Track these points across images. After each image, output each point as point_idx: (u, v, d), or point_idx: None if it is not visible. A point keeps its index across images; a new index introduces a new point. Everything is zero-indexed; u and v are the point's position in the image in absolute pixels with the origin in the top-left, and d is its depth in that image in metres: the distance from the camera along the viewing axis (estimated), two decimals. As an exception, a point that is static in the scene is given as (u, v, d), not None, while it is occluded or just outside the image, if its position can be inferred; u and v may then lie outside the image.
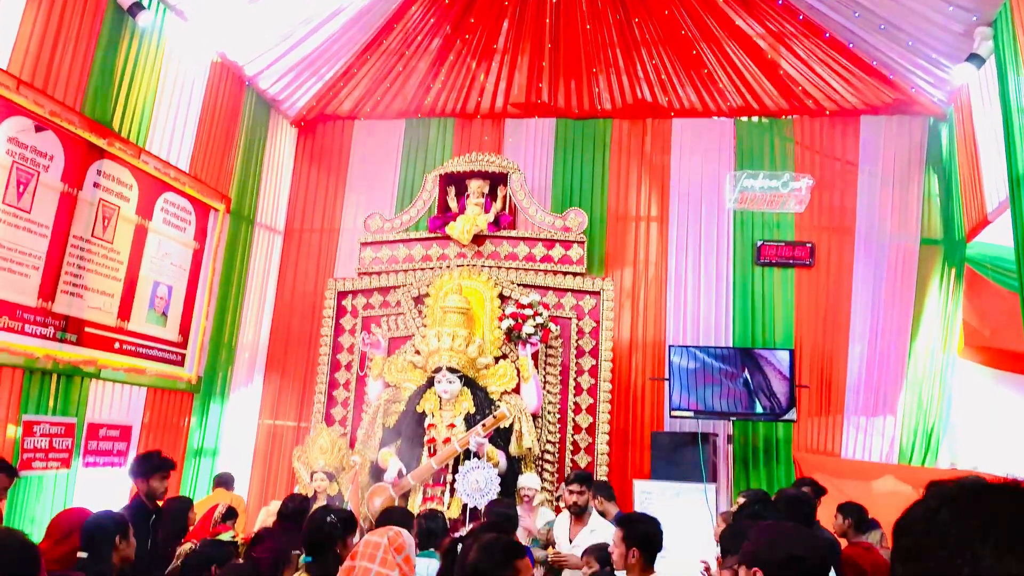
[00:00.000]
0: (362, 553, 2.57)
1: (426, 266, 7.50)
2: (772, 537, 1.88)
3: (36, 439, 5.48)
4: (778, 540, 1.86)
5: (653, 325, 7.80)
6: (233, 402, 8.03)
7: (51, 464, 5.58)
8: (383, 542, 2.58)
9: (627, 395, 7.63)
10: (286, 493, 7.18)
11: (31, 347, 5.51)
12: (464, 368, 6.54)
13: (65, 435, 5.72)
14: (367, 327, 7.50)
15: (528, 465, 6.57)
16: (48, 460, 5.57)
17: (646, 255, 7.99)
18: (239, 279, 8.13)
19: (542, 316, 6.73)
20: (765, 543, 1.87)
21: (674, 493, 6.45)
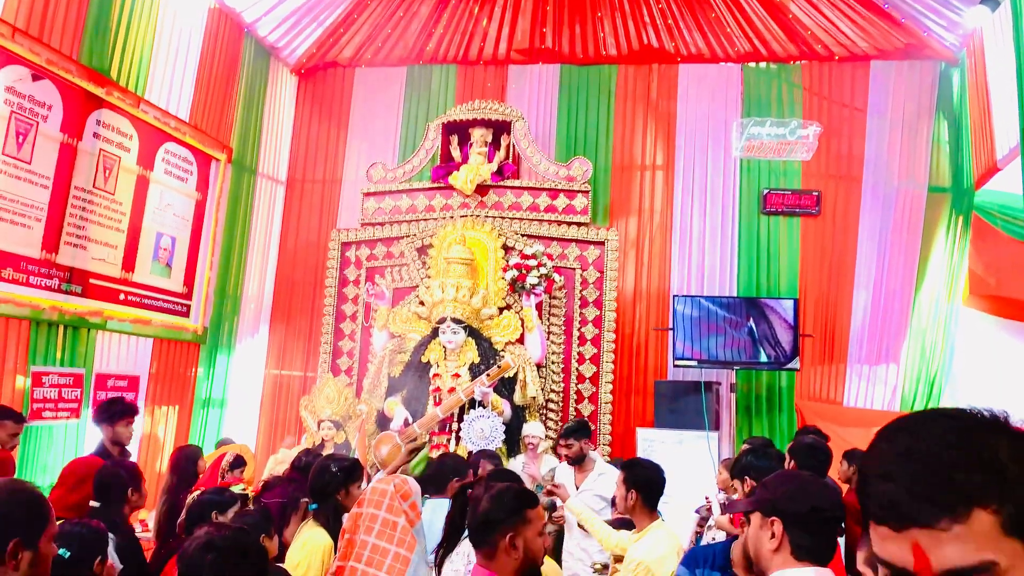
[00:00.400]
0: (369, 500, 2.62)
1: (429, 216, 7.47)
2: (793, 487, 1.88)
3: (45, 390, 5.54)
4: (799, 491, 1.87)
5: (657, 275, 7.79)
6: (239, 352, 8.09)
7: (60, 414, 5.66)
8: (389, 489, 2.62)
9: (631, 345, 7.67)
10: (295, 441, 7.31)
11: (37, 299, 5.54)
12: (468, 319, 6.57)
13: (74, 386, 5.78)
14: (371, 278, 7.51)
15: (532, 414, 6.64)
16: (58, 410, 5.64)
17: (651, 204, 7.95)
18: (242, 230, 8.11)
19: (546, 267, 6.73)
20: (786, 493, 1.87)
21: (677, 441, 6.53)
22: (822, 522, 1.85)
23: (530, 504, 2.22)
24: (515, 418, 6.41)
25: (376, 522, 2.50)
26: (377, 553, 2.46)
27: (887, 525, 0.83)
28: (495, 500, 2.20)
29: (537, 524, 2.22)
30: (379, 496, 2.57)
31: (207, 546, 1.84)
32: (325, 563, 2.96)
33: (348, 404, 6.91)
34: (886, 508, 0.83)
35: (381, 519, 2.51)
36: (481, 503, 2.19)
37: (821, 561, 1.83)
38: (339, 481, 3.22)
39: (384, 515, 2.51)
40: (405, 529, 2.50)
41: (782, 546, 1.84)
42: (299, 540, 3.13)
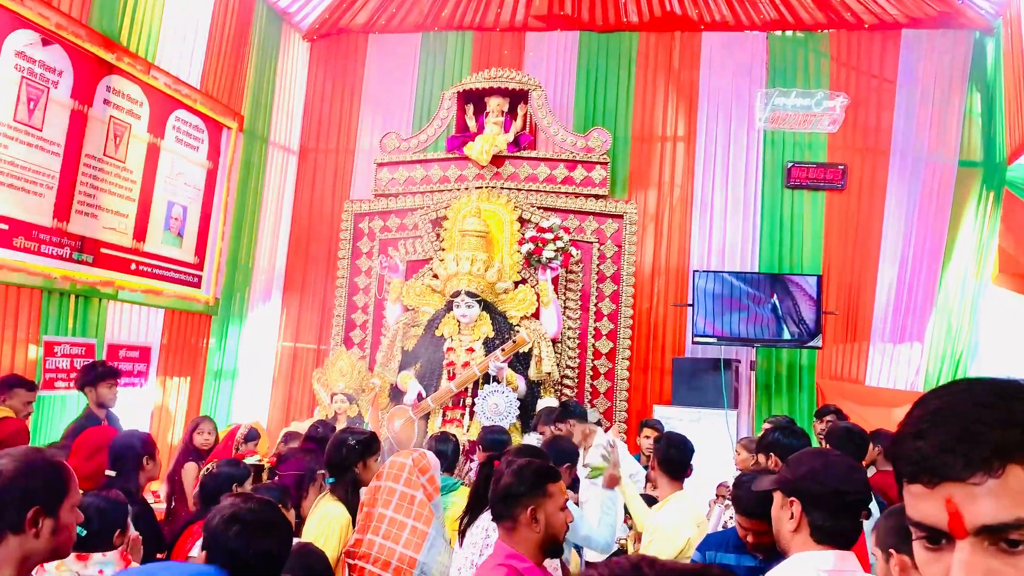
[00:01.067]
0: (387, 474, 2.64)
1: (444, 188, 7.45)
2: (815, 468, 1.84)
3: (57, 359, 5.60)
4: (821, 472, 1.83)
5: (677, 249, 7.75)
6: (251, 324, 8.14)
7: (72, 385, 5.72)
8: (408, 463, 2.64)
9: (649, 321, 7.65)
10: (307, 415, 7.37)
11: (48, 268, 5.58)
12: (483, 292, 6.58)
13: (85, 356, 5.84)
14: (384, 250, 7.52)
15: (547, 390, 6.67)
16: (70, 380, 5.70)
17: (671, 177, 7.88)
18: (254, 200, 8.12)
19: (563, 240, 6.71)
20: (807, 474, 1.84)
21: (694, 419, 6.53)
22: (844, 505, 1.81)
23: (552, 478, 2.22)
24: (530, 394, 6.45)
25: (394, 496, 2.52)
26: (395, 527, 2.49)
27: (920, 482, 0.83)
28: (517, 474, 2.21)
29: (559, 499, 2.23)
30: (397, 470, 2.59)
31: (232, 518, 1.85)
32: (343, 537, 2.99)
33: (361, 377, 6.95)
34: (918, 464, 0.83)
35: (399, 492, 2.53)
36: (503, 477, 2.20)
37: (843, 544, 1.80)
38: (357, 454, 3.25)
39: (402, 488, 2.53)
40: (423, 503, 2.52)
41: (801, 527, 1.82)
42: (316, 514, 3.16)
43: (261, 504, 1.94)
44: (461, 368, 6.42)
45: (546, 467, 2.25)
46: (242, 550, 1.83)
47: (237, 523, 1.85)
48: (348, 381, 6.89)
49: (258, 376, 8.19)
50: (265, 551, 1.85)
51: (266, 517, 1.90)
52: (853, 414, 6.07)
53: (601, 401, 7.01)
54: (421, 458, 2.62)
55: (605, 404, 6.99)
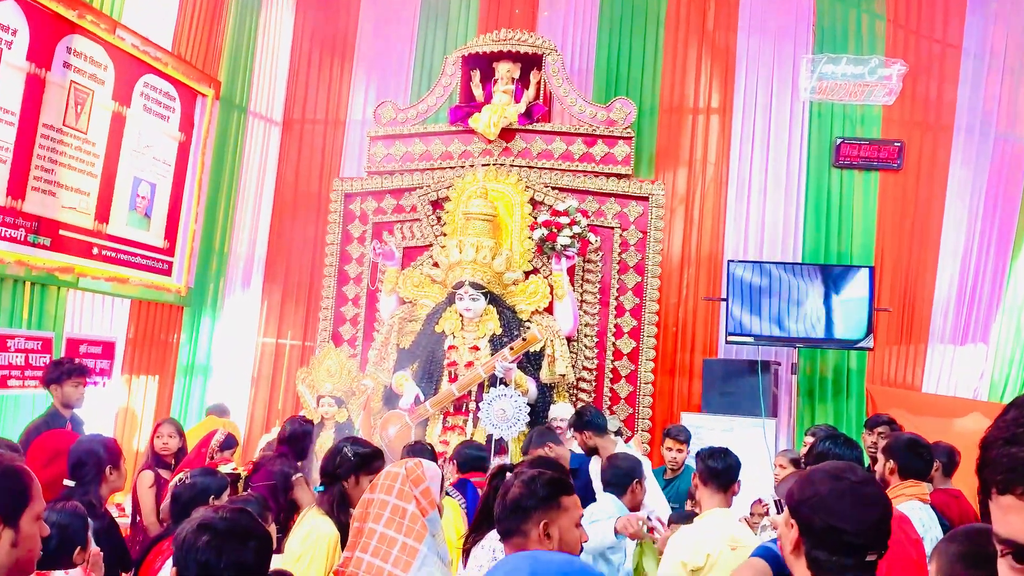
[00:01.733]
0: (380, 485, 2.65)
1: (446, 165, 7.45)
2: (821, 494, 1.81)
3: (11, 355, 5.64)
4: (827, 500, 1.79)
5: (710, 236, 7.74)
6: (227, 317, 8.19)
7: (28, 383, 5.75)
8: (401, 472, 2.65)
9: (677, 317, 7.66)
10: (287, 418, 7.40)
11: (0, 251, 5.61)
12: (489, 284, 6.58)
13: (42, 351, 5.87)
14: (378, 235, 7.53)
15: (561, 394, 6.68)
16: (25, 378, 5.74)
17: (704, 154, 7.86)
18: (232, 177, 8.15)
19: (580, 225, 6.70)
20: (811, 499, 1.81)
21: (727, 428, 6.54)
22: (841, 545, 1.77)
23: (566, 491, 2.23)
24: (541, 398, 6.46)
25: (385, 509, 2.54)
26: (384, 543, 2.51)
27: (1013, 492, 0.81)
28: (528, 485, 2.22)
29: (574, 513, 2.24)
30: (390, 480, 2.60)
31: (203, 527, 1.86)
32: (330, 556, 3.00)
33: (351, 378, 6.97)
34: (1011, 472, 0.82)
35: (391, 506, 2.54)
36: (511, 488, 2.21)
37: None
38: (352, 466, 3.27)
39: (394, 501, 2.55)
40: (415, 517, 2.54)
41: (799, 553, 1.82)
42: (301, 530, 3.17)
43: (235, 512, 1.95)
44: (464, 369, 6.42)
45: (560, 479, 2.26)
46: (214, 562, 1.83)
47: (208, 532, 1.86)
48: (337, 382, 6.91)
49: (235, 375, 8.23)
50: (240, 562, 1.85)
51: (240, 526, 1.90)
52: (908, 424, 6.04)
53: (622, 407, 7.01)
54: (415, 468, 2.63)
55: (626, 411, 6.99)
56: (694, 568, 3.25)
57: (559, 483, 2.23)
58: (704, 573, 3.24)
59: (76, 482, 3.42)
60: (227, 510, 1.95)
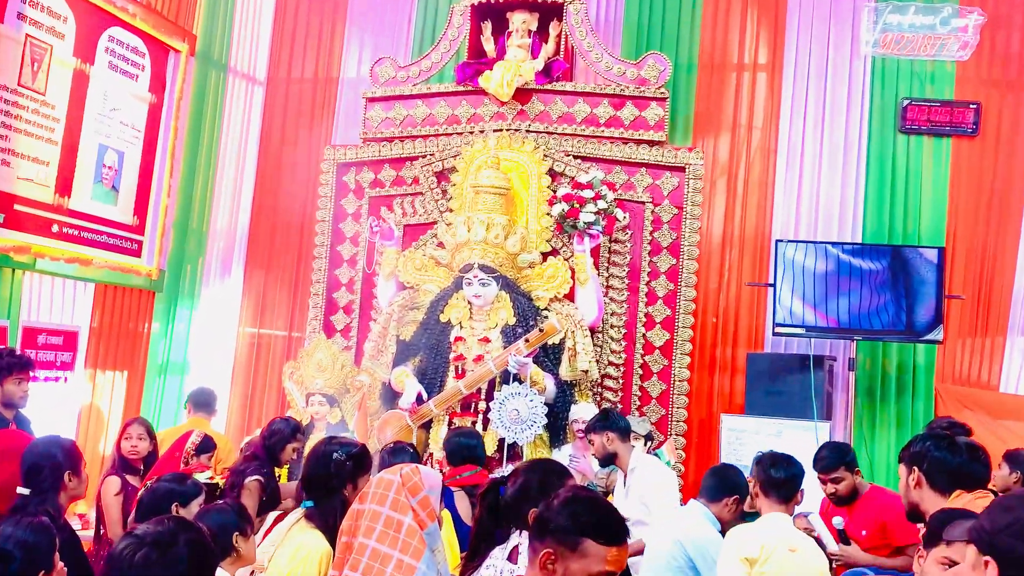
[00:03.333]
0: (372, 494, 2.66)
1: (453, 130, 7.45)
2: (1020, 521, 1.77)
3: (-40, 346, 5.70)
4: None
5: (755, 212, 7.68)
6: (205, 304, 8.24)
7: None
8: (396, 480, 2.66)
9: (717, 305, 7.62)
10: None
11: (-52, 229, 5.67)
12: (502, 267, 6.59)
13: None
14: (376, 211, 7.50)
15: (583, 393, 6.67)
16: (-24, 372, 5.80)
17: (749, 118, 7.79)
18: (210, 145, 8.17)
19: (606, 199, 6.68)
20: (1011, 528, 1.77)
21: (774, 432, 6.53)
22: None
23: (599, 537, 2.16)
24: (561, 398, 6.45)
25: (378, 522, 2.55)
26: (377, 560, 2.52)
27: None
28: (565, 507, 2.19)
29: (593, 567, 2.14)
30: (383, 489, 2.61)
31: (137, 542, 1.88)
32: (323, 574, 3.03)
33: (345, 374, 7.00)
34: None
35: (384, 517, 2.55)
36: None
37: None
38: (347, 472, 3.30)
39: (388, 512, 2.56)
40: (411, 530, 2.54)
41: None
42: (289, 546, 3.20)
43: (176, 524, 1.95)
44: (473, 364, 6.43)
45: (609, 519, 2.19)
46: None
47: (143, 547, 1.87)
48: (328, 378, 6.93)
49: (214, 370, 8.26)
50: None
51: (177, 539, 1.91)
52: (982, 428, 6.02)
53: (653, 409, 6.99)
54: (412, 474, 2.64)
55: (658, 412, 6.98)
56: (748, 558, 3.54)
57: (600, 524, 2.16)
58: (759, 566, 3.49)
59: (31, 490, 3.45)
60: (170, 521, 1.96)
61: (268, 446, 4.92)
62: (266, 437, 4.95)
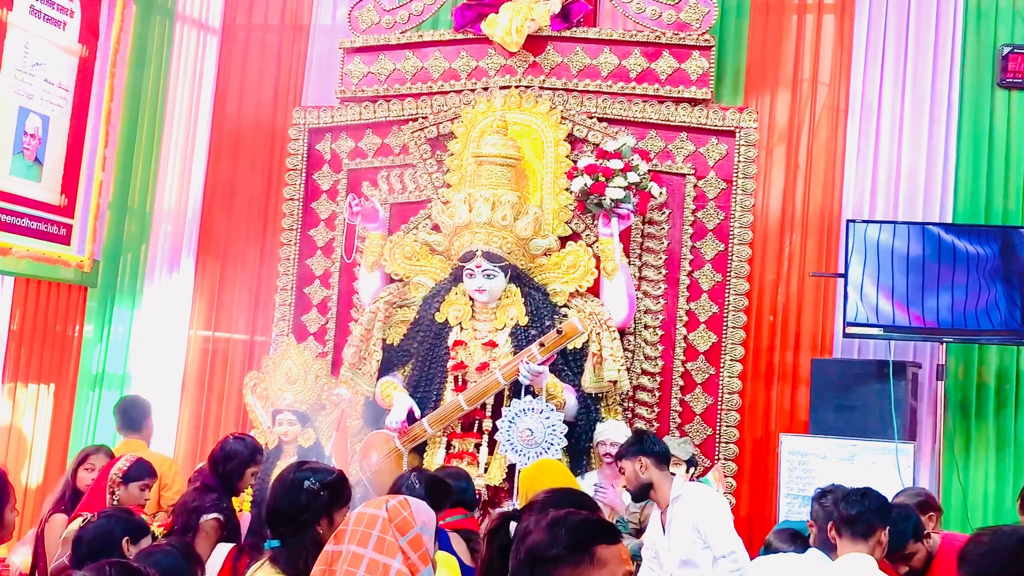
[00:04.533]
0: (352, 533, 2.63)
1: (450, 88, 7.44)
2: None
3: None
4: None
5: (822, 186, 7.61)
6: (149, 302, 8.22)
7: None
8: (381, 516, 2.63)
9: (774, 301, 7.55)
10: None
11: None
12: (511, 255, 6.58)
13: None
14: (356, 187, 7.52)
15: (611, 408, 6.65)
16: None
17: (814, 70, 7.72)
18: (154, 107, 8.17)
19: (638, 171, 6.65)
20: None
21: (845, 456, 6.49)
22: None
23: (605, 538, 2.23)
24: (583, 414, 6.45)
25: (360, 566, 2.51)
26: (357, 615, 2.51)
27: None
28: (550, 530, 2.22)
29: (615, 569, 2.24)
30: (366, 526, 2.58)
31: None
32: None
33: (320, 386, 7.01)
34: None
35: (367, 561, 2.53)
36: (529, 535, 2.21)
37: None
38: (321, 505, 3.29)
39: (371, 555, 2.53)
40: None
41: None
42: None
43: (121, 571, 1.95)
44: (476, 373, 6.42)
45: (596, 521, 2.24)
46: None
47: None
48: (300, 392, 6.94)
49: (159, 383, 8.26)
50: None
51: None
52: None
53: (697, 428, 6.97)
54: (400, 508, 2.61)
55: (703, 432, 6.95)
56: None
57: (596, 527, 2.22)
58: None
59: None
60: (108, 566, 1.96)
61: (224, 473, 4.90)
62: (220, 461, 4.93)
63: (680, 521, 4.95)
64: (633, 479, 5.09)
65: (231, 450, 4.98)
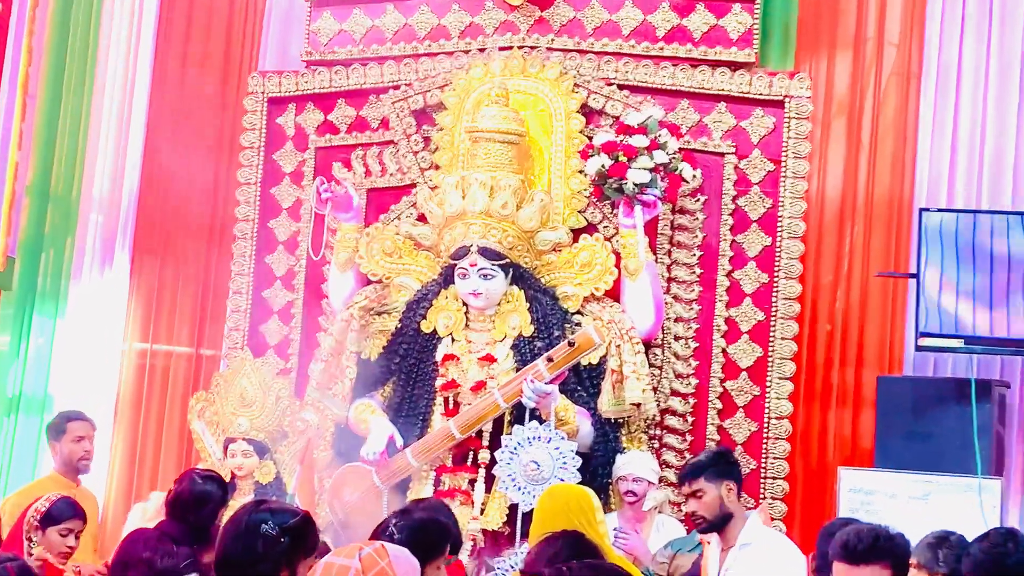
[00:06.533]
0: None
1: (440, 48, 7.48)
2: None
3: None
4: None
5: (890, 169, 7.57)
6: (75, 308, 8.25)
7: None
8: (353, 566, 2.65)
9: (832, 306, 7.53)
10: (176, 476, 7.42)
11: None
12: (513, 250, 6.61)
13: None
14: (325, 168, 7.57)
15: (634, 437, 6.68)
16: None
17: (879, 29, 7.70)
18: (81, 74, 8.18)
19: (666, 149, 6.66)
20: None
21: (919, 494, 6.48)
22: None
23: None
24: (601, 443, 6.48)
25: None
26: None
27: None
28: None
29: None
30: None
31: None
32: None
33: (281, 410, 7.03)
34: None
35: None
36: None
37: None
38: (281, 553, 3.29)
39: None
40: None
41: None
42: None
43: None
44: (470, 394, 6.44)
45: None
46: None
47: None
48: (257, 417, 6.96)
49: (88, 405, 8.11)
50: None
51: None
52: None
53: (739, 459, 6.94)
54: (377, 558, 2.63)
55: (746, 465, 6.91)
56: None
57: None
58: None
59: None
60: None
61: (196, 520, 4.88)
62: (190, 507, 4.91)
63: (740, 562, 4.94)
64: (715, 507, 5.01)
65: (203, 492, 4.97)
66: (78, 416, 6.87)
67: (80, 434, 6.64)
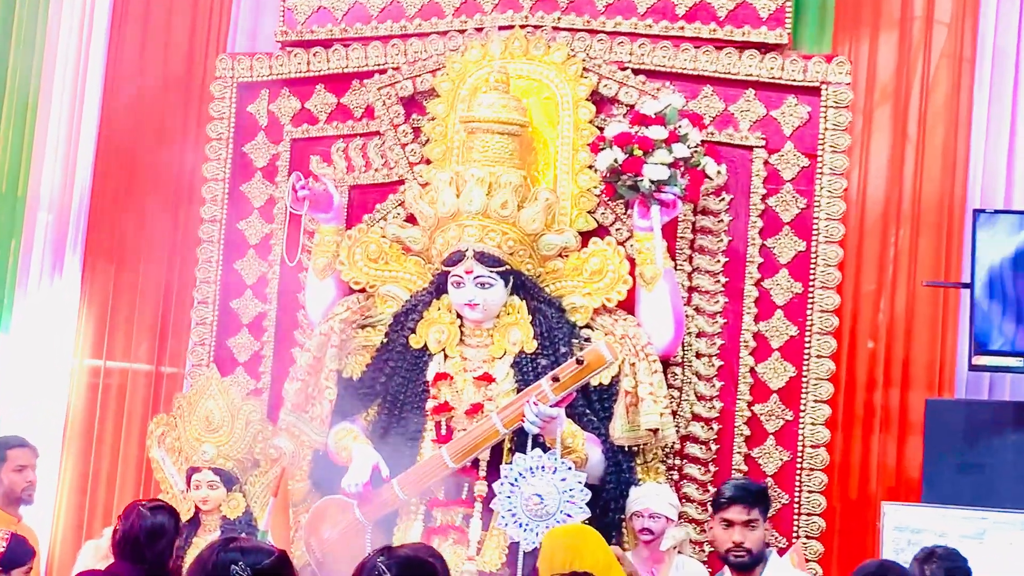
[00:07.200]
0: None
1: (431, 28, 7.46)
2: None
3: None
4: None
5: (940, 166, 7.53)
6: (20, 319, 8.28)
7: None
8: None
9: (874, 320, 7.50)
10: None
11: None
12: (514, 256, 6.56)
13: None
14: (302, 163, 7.55)
15: (650, 467, 6.61)
16: None
17: (928, 6, 7.64)
18: (28, 60, 8.18)
19: (687, 141, 6.59)
20: None
21: (973, 532, 6.44)
22: None
23: None
24: (613, 474, 6.42)
25: None
26: None
27: None
28: None
29: None
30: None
31: None
32: None
33: (252, 435, 7.01)
34: None
35: None
36: None
37: None
38: None
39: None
40: None
41: None
42: None
43: None
44: (465, 418, 6.36)
45: None
46: None
47: None
48: (225, 443, 6.96)
49: (34, 430, 8.12)
50: None
51: None
52: None
53: (770, 493, 6.84)
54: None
55: (778, 500, 6.87)
56: None
57: None
58: None
59: None
60: None
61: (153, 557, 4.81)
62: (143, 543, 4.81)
63: None
64: (761, 543, 5.15)
65: (154, 526, 4.87)
66: (19, 443, 6.93)
67: (21, 463, 6.74)
